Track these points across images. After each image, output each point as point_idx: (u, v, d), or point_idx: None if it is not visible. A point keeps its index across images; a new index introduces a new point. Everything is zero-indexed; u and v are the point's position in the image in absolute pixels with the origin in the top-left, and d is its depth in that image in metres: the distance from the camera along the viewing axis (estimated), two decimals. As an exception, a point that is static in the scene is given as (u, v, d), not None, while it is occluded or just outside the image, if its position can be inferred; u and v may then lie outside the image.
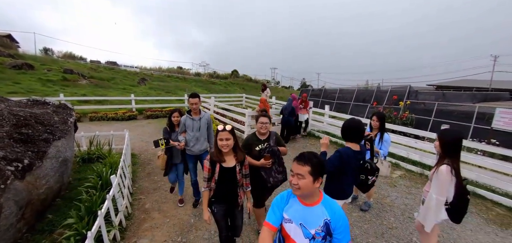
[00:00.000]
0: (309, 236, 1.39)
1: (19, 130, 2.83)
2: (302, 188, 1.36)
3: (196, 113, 3.41)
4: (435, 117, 9.95)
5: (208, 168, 2.11)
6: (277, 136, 2.73)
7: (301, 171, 1.35)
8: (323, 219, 1.38)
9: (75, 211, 2.74)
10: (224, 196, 2.19)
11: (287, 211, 1.46)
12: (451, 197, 2.19)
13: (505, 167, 4.36)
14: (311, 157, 1.41)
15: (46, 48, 30.02)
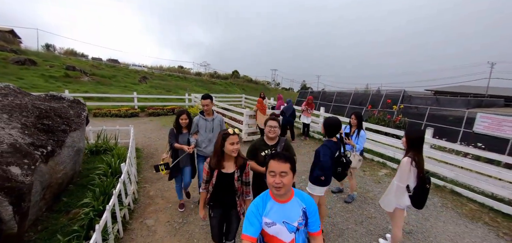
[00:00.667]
0: (294, 229, 1.45)
1: (41, 121, 3.24)
2: (286, 185, 1.41)
3: (209, 114, 3.41)
4: (427, 121, 10.37)
5: (208, 171, 2.11)
6: (287, 143, 2.58)
7: (285, 168, 1.41)
8: (301, 208, 1.47)
9: (90, 193, 3.14)
10: (221, 201, 2.17)
11: (267, 215, 1.47)
12: (413, 186, 2.60)
13: (478, 167, 4.76)
14: (287, 154, 1.51)
15: (48, 45, 30.48)
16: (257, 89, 34.13)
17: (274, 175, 1.42)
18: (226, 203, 2.17)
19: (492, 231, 3.78)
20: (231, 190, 2.12)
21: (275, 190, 1.44)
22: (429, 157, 5.54)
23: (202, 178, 2.18)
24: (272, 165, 1.43)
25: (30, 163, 2.55)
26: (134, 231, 3.03)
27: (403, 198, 2.63)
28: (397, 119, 10.13)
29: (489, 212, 4.30)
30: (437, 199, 4.64)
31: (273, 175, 1.43)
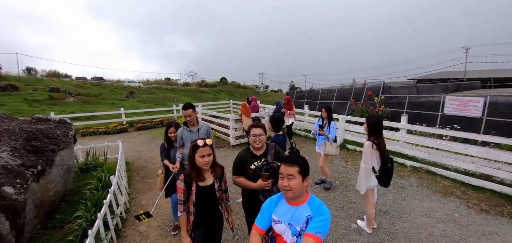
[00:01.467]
0: (296, 233, 1.47)
1: (30, 143, 3.37)
2: (293, 188, 1.43)
3: (193, 124, 3.20)
4: (407, 109, 10.88)
5: (183, 190, 1.93)
6: (277, 149, 2.36)
7: (291, 171, 1.42)
8: (305, 216, 1.46)
9: (82, 206, 3.29)
10: (204, 217, 2.00)
11: (276, 213, 1.54)
12: (378, 167, 2.90)
13: (448, 146, 5.16)
14: (297, 157, 1.54)
15: (29, 68, 29.93)
16: (246, 94, 34.44)
17: (282, 177, 1.46)
18: (208, 216, 2.04)
19: (463, 203, 4.14)
20: (214, 202, 2.02)
21: (284, 193, 1.49)
22: (406, 142, 5.93)
23: (178, 200, 1.96)
24: (281, 167, 1.49)
25: (22, 182, 2.70)
26: (127, 237, 3.20)
27: (371, 179, 2.93)
28: (379, 110, 10.58)
29: (461, 186, 4.69)
30: (414, 179, 4.99)
31: (281, 178, 1.47)
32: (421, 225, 3.50)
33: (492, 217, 3.76)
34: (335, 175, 5.21)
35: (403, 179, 5.03)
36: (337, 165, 5.89)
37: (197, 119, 3.27)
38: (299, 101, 17.34)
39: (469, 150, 4.83)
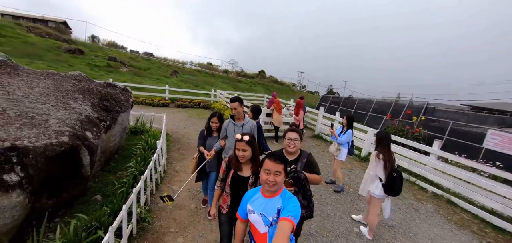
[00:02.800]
0: (268, 223, 1.58)
1: (103, 102, 4.35)
2: (278, 183, 1.57)
3: (239, 118, 3.24)
4: (448, 136, 10.29)
5: (224, 170, 2.20)
6: (310, 159, 2.35)
7: (279, 168, 1.58)
8: (277, 207, 1.57)
9: (133, 160, 4.18)
10: (234, 202, 2.13)
11: (251, 204, 1.68)
12: (384, 178, 3.21)
13: (475, 179, 5.03)
14: (282, 155, 1.72)
15: (94, 36, 34.05)
16: (282, 90, 34.74)
17: (269, 173, 1.58)
18: (238, 203, 2.15)
19: (476, 238, 4.14)
20: (243, 193, 2.12)
21: (267, 186, 1.60)
22: (433, 167, 5.87)
23: (219, 176, 2.25)
24: (268, 163, 1.60)
25: (97, 131, 3.61)
26: (163, 191, 4.00)
27: (375, 186, 3.26)
28: (416, 131, 10.20)
29: (480, 223, 4.62)
30: (431, 205, 5.03)
31: (267, 173, 1.58)
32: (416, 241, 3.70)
33: (508, 260, 3.76)
34: (351, 183, 5.48)
35: (420, 202, 5.09)
36: (356, 174, 6.11)
37: (244, 114, 3.30)
38: (333, 107, 17.20)
39: (499, 189, 4.69)
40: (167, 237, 3.03)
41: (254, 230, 1.68)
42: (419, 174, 5.96)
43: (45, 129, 2.79)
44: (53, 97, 3.56)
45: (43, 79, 3.92)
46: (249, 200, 1.71)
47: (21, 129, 2.62)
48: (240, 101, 3.18)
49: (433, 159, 6.11)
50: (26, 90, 3.42)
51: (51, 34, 24.22)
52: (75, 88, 4.13)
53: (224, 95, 12.99)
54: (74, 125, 3.15)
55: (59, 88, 3.87)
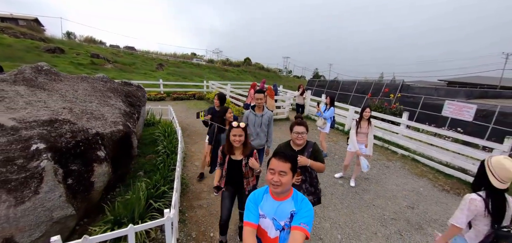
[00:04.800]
0: (280, 227, 1.56)
1: (128, 99, 5.31)
2: (284, 184, 1.50)
3: (260, 109, 3.70)
4: (421, 109, 11.93)
5: (220, 156, 2.60)
6: (315, 148, 2.55)
7: (284, 168, 1.50)
8: (290, 211, 1.53)
9: (161, 145, 5.23)
10: (233, 182, 2.61)
11: (262, 207, 1.62)
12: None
13: (433, 140, 6.50)
14: (289, 153, 1.59)
15: (69, 32, 33.31)
16: (268, 77, 35.87)
17: (274, 172, 1.52)
18: (236, 182, 2.62)
19: (431, 183, 5.58)
20: (240, 174, 2.56)
21: (272, 187, 1.54)
22: (403, 135, 7.30)
23: (218, 162, 2.66)
24: (273, 162, 1.55)
25: (133, 121, 4.61)
26: (187, 167, 5.09)
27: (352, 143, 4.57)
28: (393, 107, 11.75)
29: (436, 172, 6.09)
30: (399, 163, 6.46)
31: (272, 173, 1.53)
32: (390, 189, 5.06)
33: (450, 195, 5.19)
34: (336, 151, 6.81)
35: (390, 161, 6.52)
36: (340, 145, 7.46)
37: (263, 106, 3.74)
38: (320, 90, 18.61)
39: (448, 145, 6.16)
40: (202, 194, 4.17)
41: (262, 233, 1.64)
42: (390, 140, 7.39)
43: (105, 121, 3.79)
44: (94, 97, 4.50)
45: (80, 83, 4.82)
46: (259, 203, 1.64)
47: (89, 121, 3.60)
48: (264, 93, 3.73)
49: (403, 128, 7.54)
50: (73, 93, 4.35)
51: (25, 33, 23.72)
52: (105, 88, 5.05)
53: (216, 86, 13.94)
54: (121, 117, 4.16)
55: (94, 89, 4.80)
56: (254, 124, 3.67)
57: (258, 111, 3.70)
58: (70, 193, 2.66)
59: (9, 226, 2.21)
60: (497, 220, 1.88)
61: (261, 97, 3.60)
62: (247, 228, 1.54)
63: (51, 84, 4.29)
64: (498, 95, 17.96)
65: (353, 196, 4.63)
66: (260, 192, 1.68)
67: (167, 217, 2.35)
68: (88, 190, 2.95)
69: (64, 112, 3.41)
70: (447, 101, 7.86)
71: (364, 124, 4.65)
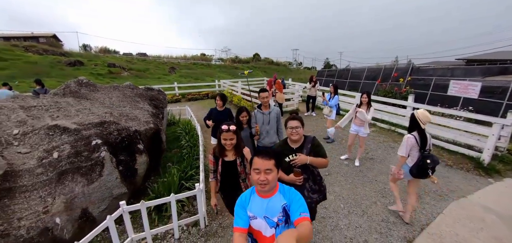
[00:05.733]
0: (274, 224, 1.59)
1: (152, 102, 6.15)
2: (271, 182, 1.53)
3: (266, 107, 3.77)
4: (432, 91, 12.11)
5: (213, 161, 2.50)
6: (315, 142, 2.48)
7: (269, 165, 1.53)
8: (281, 205, 1.58)
9: (183, 139, 6.04)
10: (229, 186, 2.56)
11: (251, 209, 1.63)
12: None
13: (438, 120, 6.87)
14: (270, 150, 1.66)
15: (85, 45, 35.33)
16: (279, 70, 36.30)
17: (259, 172, 1.53)
18: (232, 186, 2.56)
19: (434, 159, 6.03)
20: (235, 175, 2.52)
21: (260, 187, 1.56)
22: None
23: (210, 169, 2.54)
24: (257, 162, 1.55)
25: (159, 120, 5.43)
26: (206, 158, 5.86)
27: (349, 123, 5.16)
28: (403, 91, 12.01)
29: (441, 150, 6.50)
30: (404, 143, 6.91)
31: (257, 172, 1.54)
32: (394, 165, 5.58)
33: (452, 169, 5.64)
34: (343, 137, 7.35)
35: (396, 143, 6.98)
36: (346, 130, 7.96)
37: (269, 104, 3.82)
38: (330, 79, 18.93)
39: (453, 123, 6.54)
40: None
41: (258, 235, 1.66)
42: (397, 123, 7.82)
43: (138, 121, 4.62)
44: (126, 102, 5.36)
45: (112, 91, 5.70)
46: (247, 206, 1.64)
47: (127, 121, 4.43)
48: (268, 91, 3.85)
49: (409, 110, 7.93)
50: (109, 100, 5.22)
51: (47, 50, 25.55)
52: (133, 94, 5.91)
53: (228, 84, 14.73)
54: (150, 118, 4.98)
55: (125, 95, 5.66)
56: (263, 122, 3.76)
57: (264, 109, 3.80)
58: (122, 176, 3.48)
59: (84, 200, 3.04)
60: (423, 147, 3.23)
61: (266, 95, 3.74)
62: (237, 234, 1.55)
63: (91, 94, 5.18)
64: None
65: (357, 174, 5.22)
66: (246, 194, 1.69)
67: (198, 189, 3.10)
68: (133, 175, 3.76)
69: (107, 116, 4.25)
70: (452, 81, 8.13)
71: (364, 108, 5.20)
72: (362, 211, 3.97)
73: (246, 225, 1.60)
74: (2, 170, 2.79)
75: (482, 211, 4.10)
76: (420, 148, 3.24)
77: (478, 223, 3.77)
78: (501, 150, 6.16)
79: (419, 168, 3.22)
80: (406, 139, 3.30)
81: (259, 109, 3.83)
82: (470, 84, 7.38)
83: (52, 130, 3.50)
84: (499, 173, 5.45)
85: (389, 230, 3.55)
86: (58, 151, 3.20)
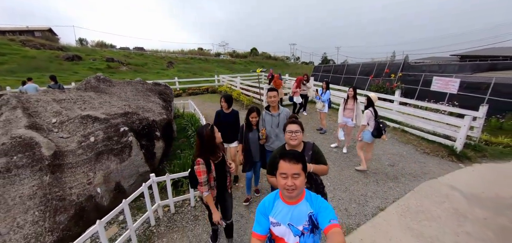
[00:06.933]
0: (298, 233, 1.54)
1: (161, 96, 6.89)
2: (298, 187, 1.47)
3: (274, 108, 3.55)
4: (421, 86, 13.00)
5: (204, 171, 2.35)
6: (315, 149, 2.41)
7: (297, 170, 1.47)
8: (307, 213, 1.53)
9: (189, 130, 6.81)
10: (218, 187, 2.59)
11: (274, 215, 1.58)
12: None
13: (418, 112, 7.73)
14: (298, 154, 1.56)
15: (81, 39, 35.65)
16: (276, 65, 37.04)
17: (286, 177, 1.47)
18: (221, 187, 2.62)
19: (413, 147, 6.90)
20: (225, 174, 2.61)
21: (287, 193, 1.50)
22: (397, 110, 8.55)
23: (200, 182, 2.37)
24: (283, 166, 1.49)
25: (169, 112, 6.19)
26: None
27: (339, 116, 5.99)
28: (394, 86, 12.88)
29: (420, 140, 7.36)
30: (390, 134, 7.76)
31: (284, 177, 1.48)
32: (376, 153, 6.42)
33: (429, 156, 6.50)
34: (335, 128, 8.19)
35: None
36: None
37: (278, 104, 3.60)
38: (326, 75, 19.77)
39: (432, 116, 7.40)
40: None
41: (281, 241, 1.62)
42: (384, 116, 8.66)
43: (153, 112, 5.38)
44: (140, 96, 6.11)
45: (126, 86, 6.43)
46: (270, 212, 1.61)
47: (144, 113, 5.19)
48: (277, 91, 3.65)
49: (396, 105, 8.78)
50: (124, 94, 5.96)
51: (44, 44, 25.91)
52: (144, 89, 6.66)
53: (227, 79, 15.47)
54: (163, 109, 5.74)
55: (137, 90, 6.40)
56: (272, 125, 3.51)
57: (273, 111, 3.59)
58: (145, 157, 4.25)
59: (118, 175, 3.83)
60: (376, 117, 4.97)
61: (274, 95, 3.52)
62: (255, 240, 1.56)
63: (109, 89, 5.92)
64: (508, 67, 18.47)
65: (344, 159, 6.06)
66: (269, 199, 1.64)
67: (210, 166, 3.88)
68: (153, 157, 4.54)
69: (126, 108, 5.01)
70: (435, 77, 8.98)
71: (350, 102, 6.01)
72: (345, 188, 4.81)
73: (265, 232, 1.60)
74: (52, 150, 3.55)
75: (448, 189, 4.94)
76: (375, 118, 5.02)
77: (442, 198, 4.61)
78: (474, 139, 7.04)
79: (378, 130, 4.92)
80: (366, 112, 5.06)
81: (268, 111, 3.62)
82: (451, 81, 8.21)
83: (85, 119, 4.26)
84: (469, 159, 6.31)
85: (366, 201, 4.39)
86: (93, 136, 3.96)
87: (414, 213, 4.12)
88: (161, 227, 3.61)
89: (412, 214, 4.10)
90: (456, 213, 4.16)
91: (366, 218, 3.96)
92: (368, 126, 5.09)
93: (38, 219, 3.00)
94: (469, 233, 3.72)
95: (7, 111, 4.09)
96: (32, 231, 2.93)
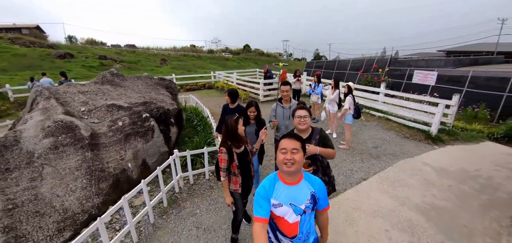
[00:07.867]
0: (300, 212, 1.62)
1: (168, 89, 7.64)
2: (297, 162, 1.58)
3: (287, 101, 3.77)
4: (406, 81, 14.12)
5: (226, 159, 2.58)
6: (322, 134, 2.53)
7: (296, 145, 1.61)
8: (309, 192, 1.64)
9: (196, 119, 7.59)
10: (245, 174, 2.74)
11: (276, 197, 1.65)
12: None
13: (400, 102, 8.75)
14: (299, 135, 1.72)
15: (70, 36, 35.58)
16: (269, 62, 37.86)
17: (285, 152, 1.59)
18: (245, 175, 2.74)
19: (395, 133, 7.89)
20: (247, 163, 2.74)
21: (285, 167, 1.59)
22: (382, 101, 9.55)
23: (221, 168, 2.59)
24: (283, 142, 1.65)
25: (175, 103, 6.96)
26: (216, 135, 7.48)
27: (332, 107, 6.89)
28: (382, 81, 13.94)
29: (402, 126, 8.37)
30: (375, 123, 8.76)
31: (284, 152, 1.60)
32: (362, 138, 7.38)
33: (408, 140, 7.49)
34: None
35: (369, 122, 8.82)
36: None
37: (290, 98, 3.83)
38: (318, 70, 20.78)
39: (411, 104, 8.42)
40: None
41: (280, 220, 1.68)
42: (371, 106, 9.67)
43: (166, 103, 6.14)
44: (150, 89, 6.85)
45: (136, 81, 7.15)
46: (271, 194, 1.67)
47: (159, 103, 5.94)
48: (290, 85, 3.84)
49: (381, 96, 9.79)
50: (136, 87, 6.68)
51: (34, 42, 25.93)
52: (152, 83, 7.39)
53: (223, 75, 16.24)
54: (173, 100, 6.51)
55: (147, 84, 7.13)
56: (283, 117, 3.77)
57: (285, 104, 3.84)
58: (164, 140, 5.04)
59: (144, 153, 4.61)
60: (355, 101, 6.28)
61: (287, 89, 3.75)
62: (258, 224, 1.58)
63: (122, 83, 6.64)
64: (488, 62, 19.93)
65: (334, 143, 6.94)
66: (268, 182, 1.71)
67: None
68: (169, 141, 5.33)
69: (142, 98, 5.76)
70: (415, 70, 10.04)
71: (332, 90, 6.96)
72: (335, 164, 5.72)
73: (267, 216, 1.63)
74: (89, 132, 4.30)
75: (422, 165, 5.91)
76: (354, 102, 6.25)
77: (416, 172, 5.57)
78: (448, 125, 8.09)
79: (357, 112, 6.24)
80: (348, 98, 6.26)
81: (280, 103, 3.88)
82: (429, 74, 9.25)
83: (111, 107, 5.01)
84: (443, 142, 7.33)
85: (352, 174, 5.31)
86: (121, 121, 4.72)
87: (391, 181, 5.06)
88: (183, 194, 4.43)
89: (389, 182, 5.04)
90: (426, 182, 5.11)
91: (351, 186, 4.87)
92: (349, 110, 6.22)
93: (86, 185, 3.77)
94: (434, 195, 4.67)
95: (42, 101, 4.79)
96: (82, 194, 3.69)
